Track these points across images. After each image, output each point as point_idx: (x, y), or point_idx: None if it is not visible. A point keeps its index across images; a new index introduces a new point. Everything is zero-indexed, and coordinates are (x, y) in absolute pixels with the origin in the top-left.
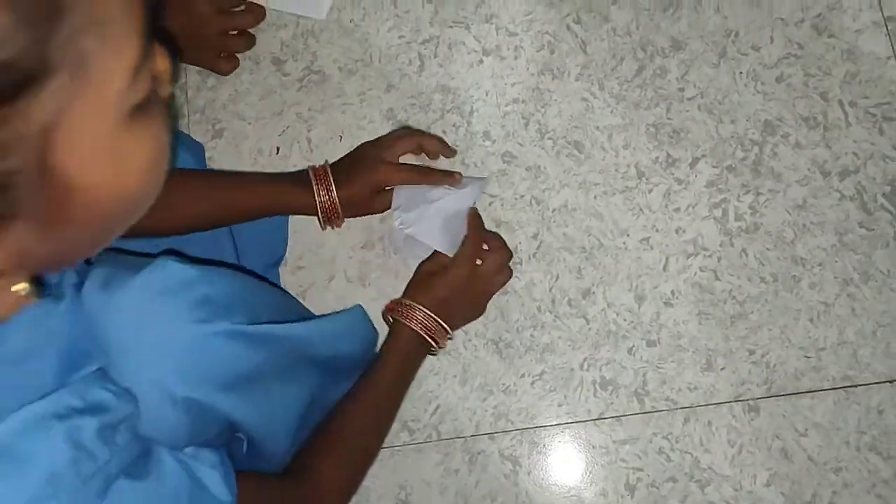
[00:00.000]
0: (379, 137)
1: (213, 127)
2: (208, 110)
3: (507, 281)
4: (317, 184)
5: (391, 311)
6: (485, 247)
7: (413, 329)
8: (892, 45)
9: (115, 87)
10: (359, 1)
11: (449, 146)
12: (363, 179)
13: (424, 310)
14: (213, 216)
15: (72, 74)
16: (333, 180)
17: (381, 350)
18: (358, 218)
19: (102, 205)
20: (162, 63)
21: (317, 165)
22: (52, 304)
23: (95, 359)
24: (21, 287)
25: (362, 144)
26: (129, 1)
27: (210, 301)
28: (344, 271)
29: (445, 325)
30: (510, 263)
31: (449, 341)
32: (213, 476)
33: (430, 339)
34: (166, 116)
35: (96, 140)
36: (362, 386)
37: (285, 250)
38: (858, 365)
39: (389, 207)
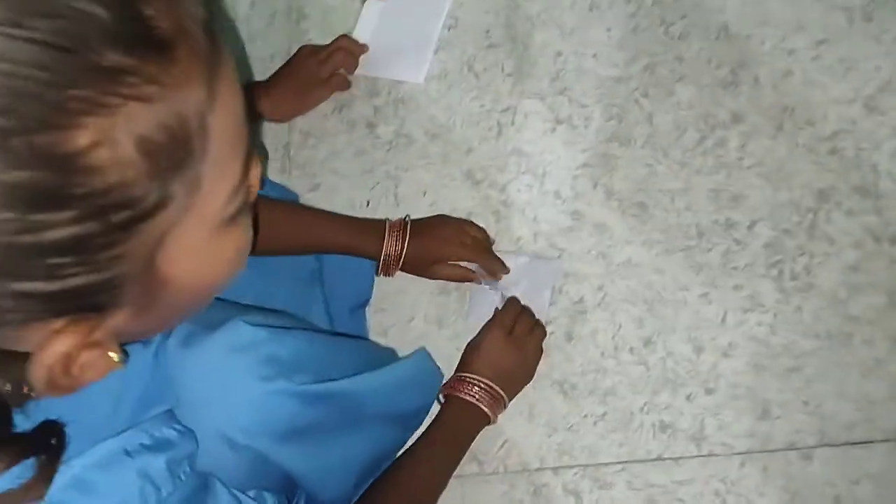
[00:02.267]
0: (460, 220)
1: (311, 181)
2: (308, 167)
3: (539, 341)
4: (390, 235)
5: (451, 388)
6: None
7: (468, 401)
8: None
9: (216, 206)
10: (445, 74)
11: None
12: (434, 246)
13: (477, 379)
14: (292, 244)
15: (185, 200)
16: (410, 234)
17: (433, 424)
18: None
19: (189, 293)
20: (255, 173)
21: (395, 219)
22: (140, 348)
23: (167, 400)
24: (114, 356)
25: (445, 217)
26: (238, 138)
27: (276, 360)
28: (423, 314)
29: (500, 390)
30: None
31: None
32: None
33: (486, 409)
34: (251, 216)
35: (194, 247)
36: (413, 460)
37: (371, 293)
38: None
39: (443, 278)
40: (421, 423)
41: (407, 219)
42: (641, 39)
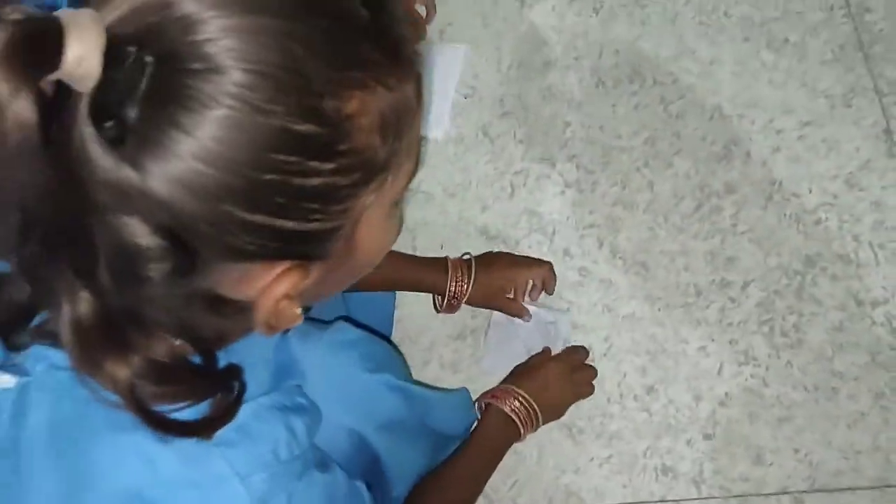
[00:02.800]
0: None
1: None
2: None
3: (588, 395)
4: (454, 274)
5: (492, 396)
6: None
7: (507, 413)
8: None
9: (401, 186)
10: (462, 138)
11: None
12: (500, 276)
13: (523, 395)
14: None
15: (392, 173)
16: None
17: (474, 432)
18: (454, 313)
19: (359, 263)
20: None
21: (455, 257)
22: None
23: (295, 376)
24: (298, 311)
25: (500, 253)
26: (419, 136)
27: (375, 357)
28: (438, 358)
29: (539, 412)
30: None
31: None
32: (365, 490)
33: (520, 425)
34: (403, 211)
35: (377, 220)
36: (453, 466)
37: (391, 332)
38: (891, 467)
39: (504, 311)
40: (452, 450)
41: (467, 257)
42: (643, 115)
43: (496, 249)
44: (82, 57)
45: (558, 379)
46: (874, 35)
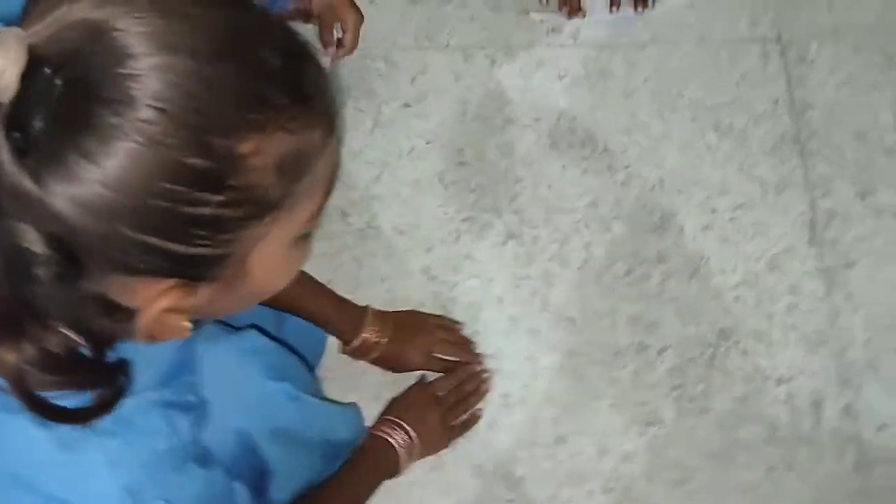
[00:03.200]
0: (433, 326)
1: None
2: None
3: (462, 411)
4: (373, 324)
5: (378, 428)
6: None
7: (392, 445)
8: (826, 287)
9: (300, 222)
10: (418, 181)
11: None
12: (410, 344)
13: (406, 427)
14: (277, 298)
15: (288, 210)
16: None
17: (357, 459)
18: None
19: (256, 289)
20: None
21: (376, 310)
22: None
23: (189, 373)
24: (187, 325)
25: (421, 324)
26: (327, 180)
27: (278, 366)
28: (365, 388)
29: (420, 446)
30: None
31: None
32: (245, 492)
33: (402, 457)
34: (310, 246)
35: (275, 250)
36: (338, 488)
37: (319, 362)
38: None
39: (409, 368)
40: (338, 466)
41: (387, 314)
42: (590, 179)
43: (435, 289)
44: (2, 70)
45: (427, 405)
46: (812, 131)
